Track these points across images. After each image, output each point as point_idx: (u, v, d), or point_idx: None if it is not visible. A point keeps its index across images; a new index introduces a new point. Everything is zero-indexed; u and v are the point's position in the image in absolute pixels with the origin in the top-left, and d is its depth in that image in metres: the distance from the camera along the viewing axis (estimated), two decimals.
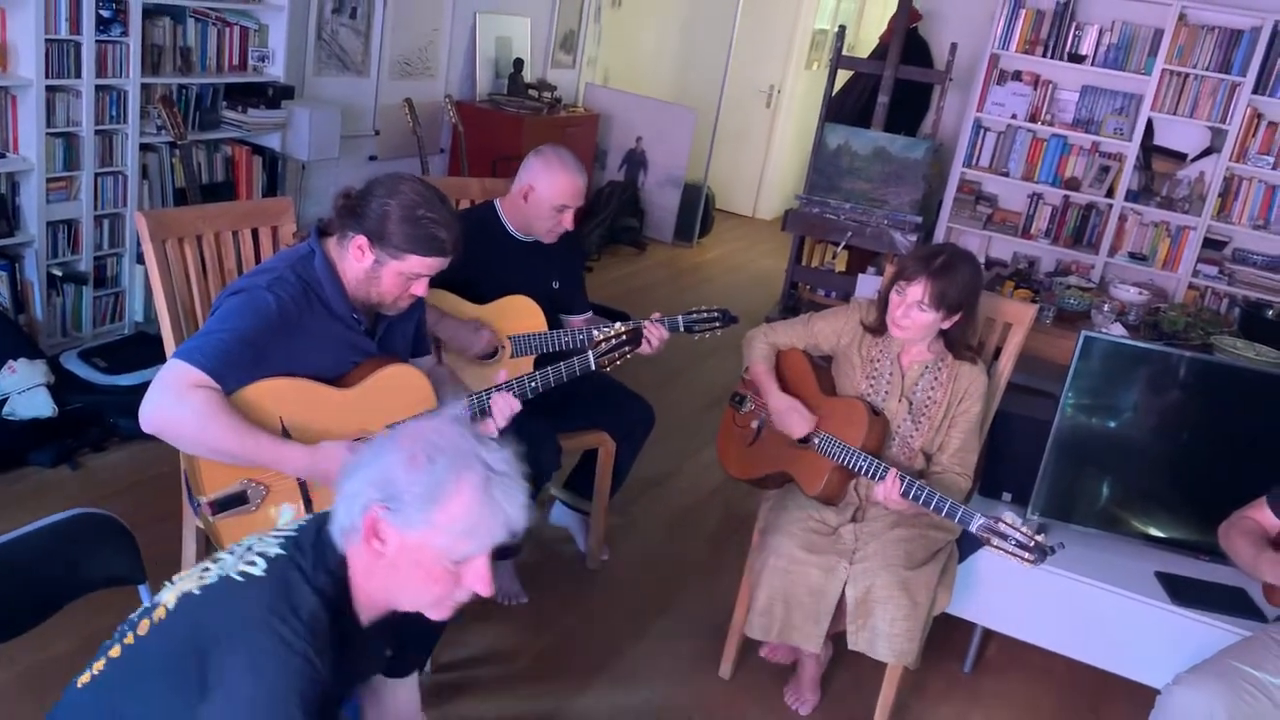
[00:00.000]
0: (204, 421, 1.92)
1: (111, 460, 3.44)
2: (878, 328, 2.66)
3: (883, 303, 2.63)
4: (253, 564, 1.37)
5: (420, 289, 2.15)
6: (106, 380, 3.63)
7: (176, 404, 1.93)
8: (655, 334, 2.66)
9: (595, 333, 2.53)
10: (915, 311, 2.52)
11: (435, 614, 1.43)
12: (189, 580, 1.39)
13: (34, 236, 3.78)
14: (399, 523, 1.33)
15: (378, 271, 2.10)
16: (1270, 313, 4.49)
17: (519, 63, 6.37)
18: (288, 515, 2.09)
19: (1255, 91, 5.39)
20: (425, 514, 1.33)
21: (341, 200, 2.12)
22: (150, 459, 3.37)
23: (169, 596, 1.39)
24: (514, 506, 1.37)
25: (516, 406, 2.29)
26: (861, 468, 2.51)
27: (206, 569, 1.40)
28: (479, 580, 1.39)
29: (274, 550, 1.39)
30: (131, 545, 1.80)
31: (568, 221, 2.87)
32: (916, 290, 2.50)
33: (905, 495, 2.39)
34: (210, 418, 1.92)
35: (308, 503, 2.12)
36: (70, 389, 3.55)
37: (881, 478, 2.45)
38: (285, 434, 2.05)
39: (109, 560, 1.77)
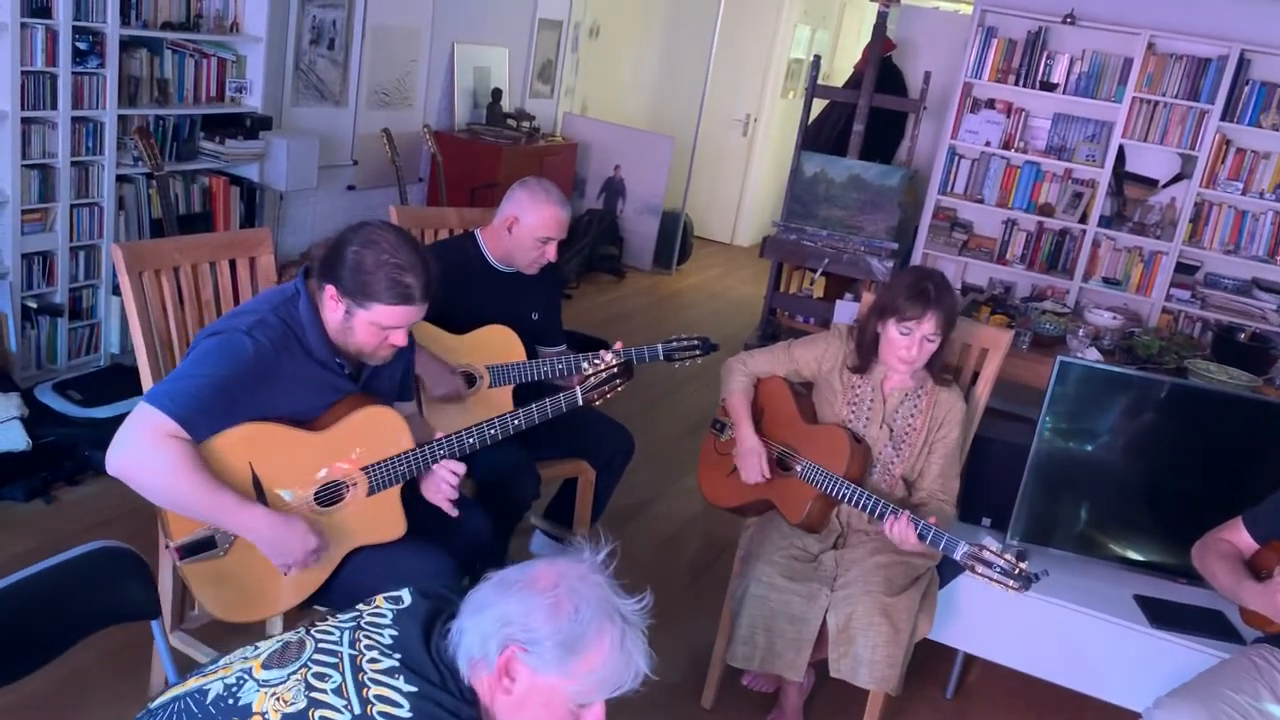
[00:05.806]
0: (170, 478, 1.90)
1: (86, 494, 3.40)
2: (862, 368, 2.67)
3: (870, 341, 2.64)
4: (394, 705, 1.32)
5: (399, 339, 2.09)
6: (81, 413, 3.60)
7: (147, 454, 1.90)
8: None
9: (585, 365, 2.47)
10: (927, 344, 2.54)
11: None
12: (288, 695, 1.32)
13: (8, 268, 3.75)
14: (535, 664, 1.36)
15: (350, 322, 2.05)
16: (1242, 336, 4.55)
17: (497, 92, 6.41)
18: None
19: (1223, 119, 5.48)
20: (563, 661, 1.35)
21: (321, 248, 2.10)
22: (125, 492, 3.26)
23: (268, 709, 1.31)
24: (642, 657, 1.44)
25: (460, 470, 2.20)
26: (845, 495, 2.51)
27: (313, 690, 1.32)
28: None
29: (404, 685, 1.35)
30: (148, 579, 1.75)
31: (550, 253, 2.87)
32: (929, 325, 2.52)
33: (923, 539, 2.39)
34: (175, 474, 1.89)
35: None
36: (44, 422, 3.51)
37: (882, 515, 2.44)
38: (255, 481, 2.01)
39: (126, 595, 1.72)
